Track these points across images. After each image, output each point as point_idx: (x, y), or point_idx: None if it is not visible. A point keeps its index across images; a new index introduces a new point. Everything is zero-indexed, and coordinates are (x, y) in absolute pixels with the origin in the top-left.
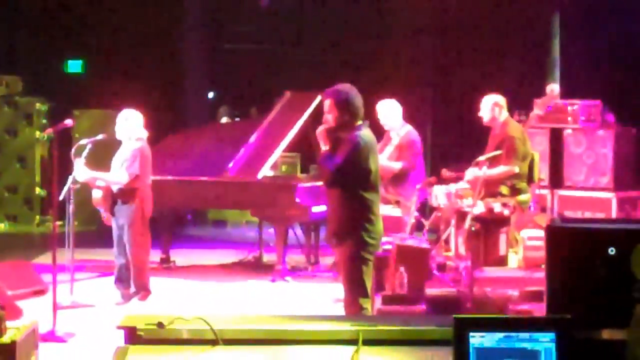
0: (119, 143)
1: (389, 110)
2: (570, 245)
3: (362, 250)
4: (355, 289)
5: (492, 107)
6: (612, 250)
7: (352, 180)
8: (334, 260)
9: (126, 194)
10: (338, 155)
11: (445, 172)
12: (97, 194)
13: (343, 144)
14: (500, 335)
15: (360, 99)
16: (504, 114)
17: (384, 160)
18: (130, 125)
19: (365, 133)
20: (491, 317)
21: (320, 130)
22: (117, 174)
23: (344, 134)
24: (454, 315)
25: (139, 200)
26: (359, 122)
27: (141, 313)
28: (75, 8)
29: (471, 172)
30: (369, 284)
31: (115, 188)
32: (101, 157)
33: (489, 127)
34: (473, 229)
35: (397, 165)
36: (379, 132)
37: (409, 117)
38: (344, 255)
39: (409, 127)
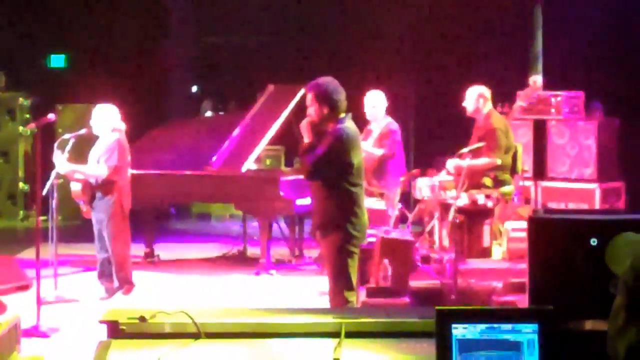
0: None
1: (376, 101)
2: (552, 236)
3: (347, 243)
4: (341, 282)
5: (477, 98)
6: (594, 241)
7: (334, 173)
8: (318, 253)
9: (105, 187)
10: (319, 149)
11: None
12: (76, 187)
13: (325, 137)
14: (483, 326)
15: (343, 92)
16: (488, 106)
17: (367, 146)
18: (106, 119)
19: (348, 126)
20: (473, 308)
21: (303, 123)
22: (97, 167)
23: (327, 127)
24: (436, 307)
25: (118, 194)
26: (342, 115)
27: (125, 307)
28: (57, 2)
29: (452, 162)
30: (354, 276)
31: (93, 181)
32: (84, 152)
33: (473, 118)
34: (457, 220)
35: (379, 152)
36: (360, 125)
37: (392, 109)
38: (329, 248)
39: (389, 119)
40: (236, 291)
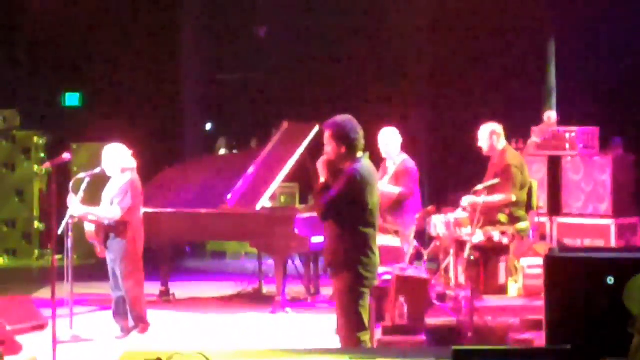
0: None
1: (390, 138)
2: (569, 275)
3: (358, 283)
4: (352, 322)
5: (489, 135)
6: (610, 280)
7: (347, 213)
8: (333, 291)
9: (118, 228)
10: (333, 188)
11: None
12: (90, 228)
13: (340, 177)
14: None
15: (360, 131)
16: (502, 142)
17: (384, 185)
18: (116, 159)
19: (364, 165)
20: (490, 348)
21: (320, 161)
22: (110, 209)
23: (344, 165)
24: (453, 348)
25: (131, 234)
26: (359, 154)
27: (140, 347)
28: (71, 41)
29: (467, 199)
30: (366, 316)
31: (106, 222)
32: (99, 191)
33: (488, 156)
34: (472, 257)
35: (396, 190)
36: (377, 162)
37: (406, 145)
38: (340, 287)
39: (404, 156)
40: (252, 329)
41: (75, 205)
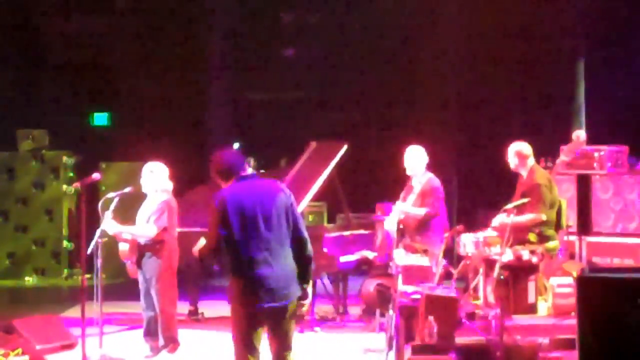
0: (145, 196)
1: (416, 157)
2: (600, 296)
3: None
4: None
5: (514, 155)
6: None
7: None
8: (362, 310)
9: (154, 247)
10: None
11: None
12: (123, 247)
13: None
14: None
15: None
16: (531, 161)
17: (408, 206)
18: (156, 178)
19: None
20: None
21: None
22: (146, 228)
23: None
24: None
25: (167, 253)
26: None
27: None
28: (100, 61)
29: (498, 219)
30: None
31: (142, 241)
32: (128, 210)
33: (517, 174)
34: (502, 277)
35: (422, 212)
36: (402, 180)
37: (436, 165)
38: None
39: (429, 175)
40: None
41: (109, 223)
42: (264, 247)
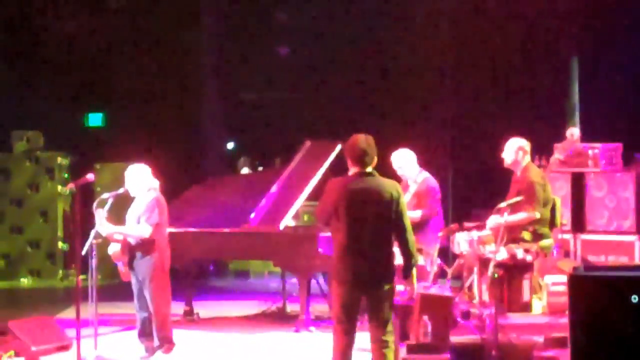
0: None
1: (402, 160)
2: (592, 294)
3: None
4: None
5: (516, 150)
6: (634, 298)
7: None
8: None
9: (145, 246)
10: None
11: (466, 224)
12: (115, 248)
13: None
14: None
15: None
16: (527, 159)
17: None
18: (140, 179)
19: None
20: None
21: None
22: (139, 227)
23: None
24: None
25: (158, 252)
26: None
27: None
28: (94, 62)
29: (493, 219)
30: None
31: (133, 241)
32: (122, 211)
33: (511, 172)
34: (496, 275)
35: (418, 214)
36: (397, 180)
37: (428, 163)
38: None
39: (425, 174)
40: (276, 349)
41: (103, 224)
42: None
